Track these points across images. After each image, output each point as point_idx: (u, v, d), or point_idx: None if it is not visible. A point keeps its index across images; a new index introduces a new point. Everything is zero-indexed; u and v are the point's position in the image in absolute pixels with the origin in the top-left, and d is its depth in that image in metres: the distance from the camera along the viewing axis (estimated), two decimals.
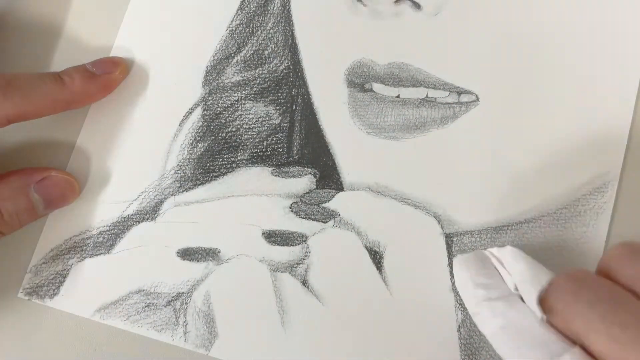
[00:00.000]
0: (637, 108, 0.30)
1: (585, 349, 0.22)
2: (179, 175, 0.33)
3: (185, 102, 0.34)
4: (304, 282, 0.31)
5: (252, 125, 0.33)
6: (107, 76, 0.34)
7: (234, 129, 0.33)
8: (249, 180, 0.32)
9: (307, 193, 0.32)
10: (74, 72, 0.33)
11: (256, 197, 0.32)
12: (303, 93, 0.33)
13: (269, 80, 0.34)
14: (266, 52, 0.34)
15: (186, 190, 0.33)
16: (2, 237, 0.32)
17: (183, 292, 0.31)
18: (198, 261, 0.32)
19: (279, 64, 0.34)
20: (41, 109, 0.32)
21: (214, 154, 0.33)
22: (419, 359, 0.29)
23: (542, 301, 0.24)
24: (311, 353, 0.30)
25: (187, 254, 0.32)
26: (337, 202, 0.32)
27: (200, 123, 0.34)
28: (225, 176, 0.33)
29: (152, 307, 0.32)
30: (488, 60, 0.32)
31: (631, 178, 0.30)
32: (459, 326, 0.30)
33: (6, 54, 0.36)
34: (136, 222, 0.33)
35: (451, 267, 0.30)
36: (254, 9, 0.35)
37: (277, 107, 0.33)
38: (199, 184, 0.33)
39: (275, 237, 0.31)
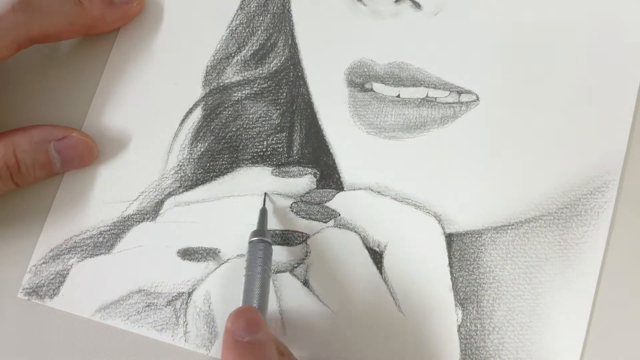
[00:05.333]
0: (638, 108, 0.30)
1: None
2: (179, 175, 0.33)
3: (185, 102, 0.34)
4: (304, 282, 0.31)
5: (252, 125, 0.33)
6: (126, 6, 0.34)
7: (234, 129, 0.33)
8: (249, 180, 0.32)
9: (307, 193, 0.32)
10: None
11: (256, 197, 0.32)
12: (303, 93, 0.33)
13: (269, 80, 0.34)
14: (266, 52, 0.34)
15: (186, 190, 0.33)
16: (15, 189, 0.32)
17: (183, 292, 0.32)
18: (198, 261, 0.32)
19: (279, 64, 0.34)
20: (61, 31, 0.33)
21: (214, 154, 0.33)
22: (419, 358, 0.29)
23: None
24: (311, 353, 0.30)
25: (188, 253, 0.32)
26: (338, 202, 0.32)
27: (201, 123, 0.34)
28: (225, 176, 0.33)
29: (153, 307, 0.32)
30: (488, 60, 0.32)
31: (632, 178, 0.30)
32: (459, 326, 0.30)
33: None
34: (136, 222, 0.33)
35: (451, 267, 0.30)
36: (254, 8, 0.35)
37: (277, 107, 0.33)
38: (199, 184, 0.33)
39: (275, 237, 0.31)
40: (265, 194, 0.32)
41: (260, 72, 0.34)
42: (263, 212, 0.31)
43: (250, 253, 0.29)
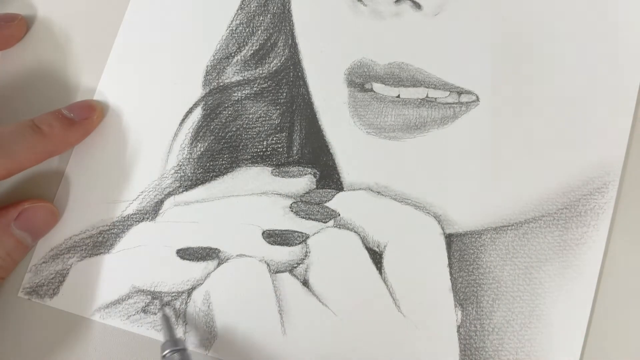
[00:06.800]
0: (638, 108, 0.30)
1: None
2: (179, 174, 0.33)
3: (185, 102, 0.34)
4: (304, 282, 0.31)
5: (252, 125, 0.33)
6: (86, 121, 0.33)
7: (234, 129, 0.33)
8: (249, 180, 0.33)
9: (307, 193, 0.32)
10: (53, 119, 0.32)
11: (256, 196, 0.32)
12: (303, 93, 0.33)
13: (269, 80, 0.34)
14: (266, 51, 0.34)
15: (186, 189, 0.33)
16: (1, 282, 0.32)
17: (183, 292, 0.32)
18: (198, 261, 0.32)
19: (279, 64, 0.34)
20: (24, 164, 0.31)
21: (214, 154, 0.33)
22: (418, 359, 0.29)
23: None
24: (311, 353, 0.30)
25: (187, 253, 0.32)
26: (337, 202, 0.32)
27: (200, 123, 0.34)
28: (225, 176, 0.33)
29: (152, 307, 0.32)
30: (488, 60, 0.32)
31: (632, 178, 0.30)
32: (459, 326, 0.30)
33: None
34: (136, 221, 0.33)
35: (451, 267, 0.30)
36: (254, 8, 0.35)
37: (277, 107, 0.33)
38: (199, 184, 0.33)
39: (275, 237, 0.31)
40: (162, 305, 0.31)
41: (260, 72, 0.34)
42: (166, 319, 0.29)
43: None
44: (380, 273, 0.30)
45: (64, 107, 0.33)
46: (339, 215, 0.31)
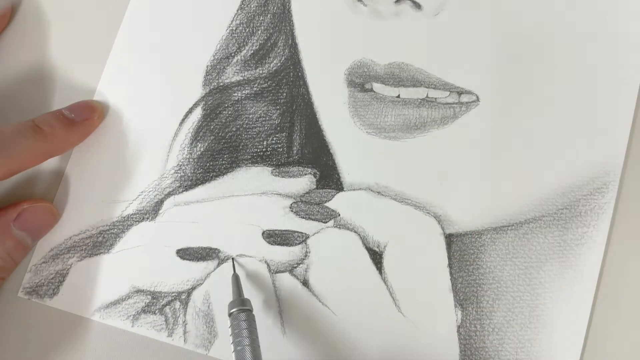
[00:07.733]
0: (638, 108, 0.30)
1: None
2: (179, 174, 0.33)
3: (185, 102, 0.34)
4: (304, 282, 0.31)
5: (252, 125, 0.33)
6: (87, 122, 0.33)
7: (234, 129, 0.33)
8: (249, 180, 0.33)
9: (307, 193, 0.32)
10: (53, 120, 0.32)
11: (256, 197, 0.32)
12: (303, 93, 0.33)
13: (269, 80, 0.34)
14: (266, 51, 0.34)
15: (186, 189, 0.33)
16: (2, 283, 0.32)
17: (183, 292, 0.32)
18: (198, 261, 0.32)
19: (279, 64, 0.34)
20: (24, 164, 0.31)
21: (214, 154, 0.33)
22: (418, 359, 0.29)
23: None
24: (311, 353, 0.30)
25: (187, 253, 0.32)
26: (337, 202, 0.32)
27: (200, 123, 0.34)
28: (225, 176, 0.33)
29: (152, 307, 0.32)
30: (488, 60, 0.32)
31: (632, 179, 0.30)
32: (459, 326, 0.30)
33: None
34: (136, 221, 0.33)
35: (451, 267, 0.30)
36: (254, 8, 0.35)
37: (277, 107, 0.33)
38: (199, 184, 0.33)
39: (275, 237, 0.31)
40: (233, 259, 0.31)
41: (260, 72, 0.34)
42: (236, 279, 0.30)
43: (233, 327, 0.28)
44: (380, 273, 0.30)
45: (64, 107, 0.33)
46: (339, 215, 0.31)
